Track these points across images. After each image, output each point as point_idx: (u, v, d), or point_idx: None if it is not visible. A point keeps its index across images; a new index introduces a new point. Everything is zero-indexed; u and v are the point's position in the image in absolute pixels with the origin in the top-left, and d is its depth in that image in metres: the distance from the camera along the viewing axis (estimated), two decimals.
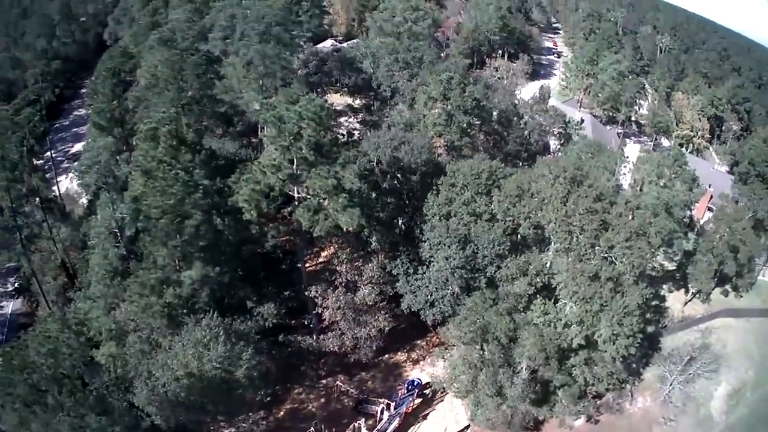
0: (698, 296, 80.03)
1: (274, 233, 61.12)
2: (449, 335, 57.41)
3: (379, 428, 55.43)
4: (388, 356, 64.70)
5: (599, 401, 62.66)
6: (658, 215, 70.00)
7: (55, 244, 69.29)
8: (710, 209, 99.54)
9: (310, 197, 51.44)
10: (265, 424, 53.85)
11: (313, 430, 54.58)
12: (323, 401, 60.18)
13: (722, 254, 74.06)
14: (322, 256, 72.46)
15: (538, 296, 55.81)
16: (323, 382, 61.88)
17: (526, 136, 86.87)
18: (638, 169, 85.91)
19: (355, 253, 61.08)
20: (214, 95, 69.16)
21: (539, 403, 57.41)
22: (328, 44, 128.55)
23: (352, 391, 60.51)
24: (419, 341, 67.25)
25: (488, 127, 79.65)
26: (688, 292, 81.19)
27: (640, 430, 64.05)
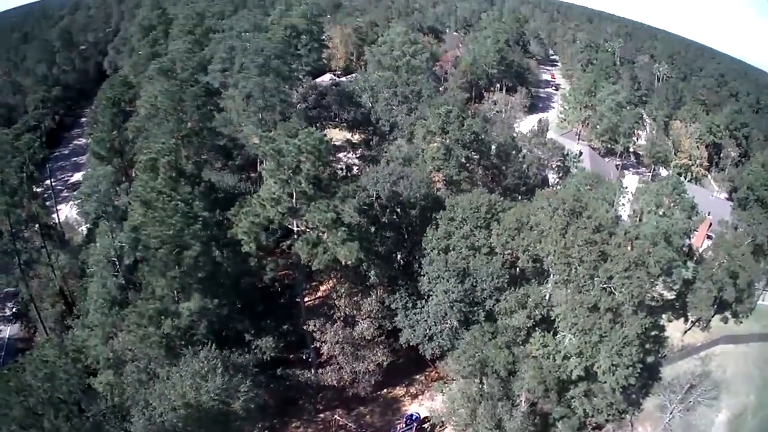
0: (698, 324, 79.84)
1: (272, 266, 61.22)
2: (448, 369, 57.02)
3: None
4: (386, 390, 64.11)
5: None
6: (657, 244, 69.93)
7: (53, 270, 69.12)
8: (709, 237, 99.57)
9: (309, 230, 51.51)
10: None
11: None
12: None
13: (721, 281, 74.12)
14: (320, 290, 72.13)
15: (537, 329, 55.43)
16: (321, 416, 61.17)
17: (524, 169, 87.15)
18: (637, 199, 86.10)
19: (353, 287, 60.57)
20: (213, 128, 69.54)
21: None
22: (326, 78, 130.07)
23: (350, 425, 59.91)
24: (418, 375, 66.64)
25: (487, 161, 79.92)
26: (687, 320, 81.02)
27: None
